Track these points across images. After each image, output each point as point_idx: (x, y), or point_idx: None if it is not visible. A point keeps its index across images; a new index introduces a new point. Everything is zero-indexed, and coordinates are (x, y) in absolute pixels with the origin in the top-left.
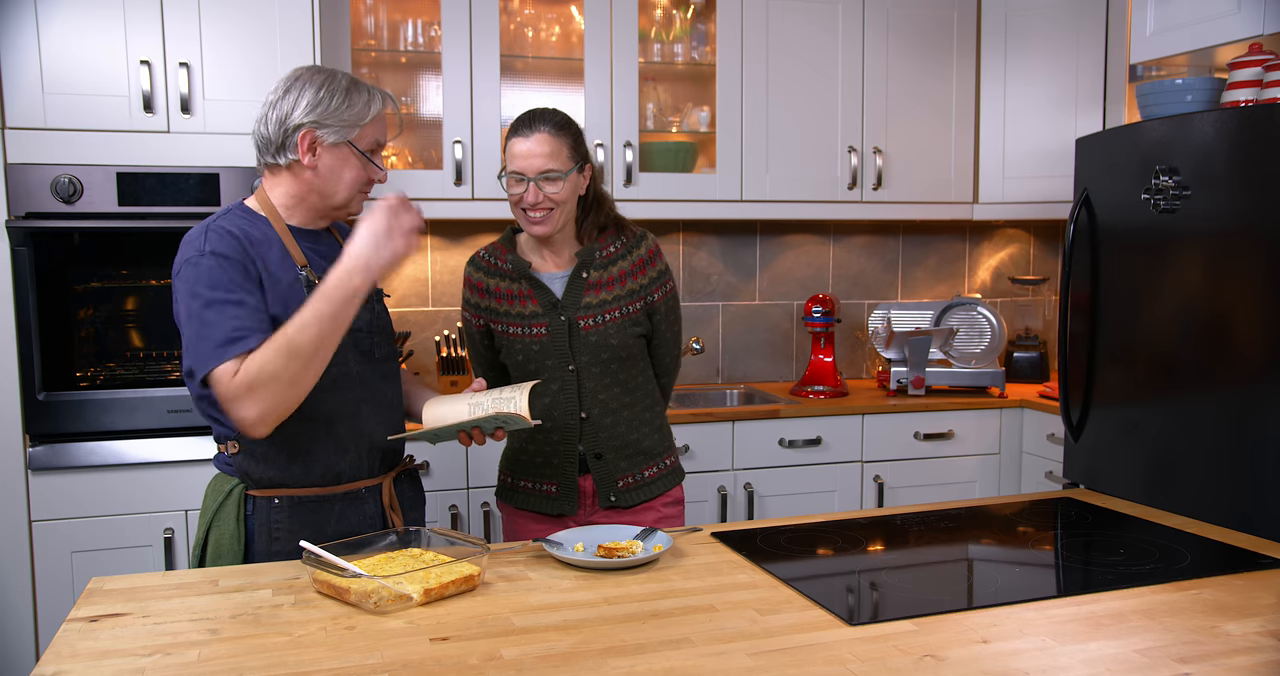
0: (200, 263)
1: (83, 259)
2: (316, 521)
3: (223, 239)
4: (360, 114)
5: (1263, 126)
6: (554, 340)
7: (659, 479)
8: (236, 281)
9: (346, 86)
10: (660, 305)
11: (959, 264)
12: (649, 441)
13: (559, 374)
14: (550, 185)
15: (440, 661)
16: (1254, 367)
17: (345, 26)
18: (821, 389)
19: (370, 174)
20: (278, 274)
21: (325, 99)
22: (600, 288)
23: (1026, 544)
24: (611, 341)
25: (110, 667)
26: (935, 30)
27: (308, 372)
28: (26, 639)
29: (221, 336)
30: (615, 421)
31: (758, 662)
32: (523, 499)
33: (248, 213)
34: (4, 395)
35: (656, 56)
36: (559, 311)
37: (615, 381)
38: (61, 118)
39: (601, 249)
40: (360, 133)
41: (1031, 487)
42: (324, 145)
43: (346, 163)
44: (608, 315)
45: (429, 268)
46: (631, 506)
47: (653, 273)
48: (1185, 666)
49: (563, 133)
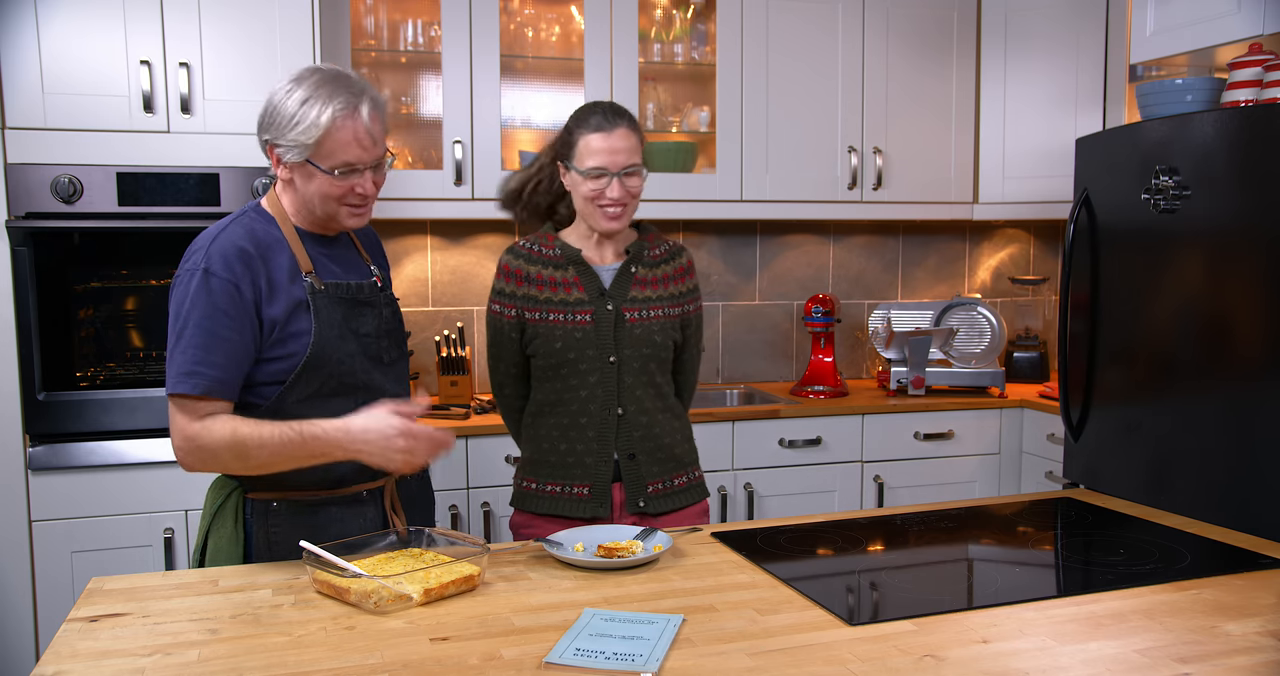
0: (192, 280)
1: (83, 259)
2: (315, 524)
3: (224, 259)
4: (307, 133)
5: (1263, 126)
6: (598, 329)
7: (688, 489)
8: (219, 308)
9: (303, 100)
10: (693, 318)
11: (959, 264)
12: (680, 449)
13: (599, 365)
14: (632, 179)
15: (440, 661)
16: (1254, 367)
17: (345, 26)
18: (821, 389)
19: (347, 187)
20: (280, 278)
21: (273, 116)
22: (646, 285)
23: (1026, 544)
24: (655, 337)
25: (110, 667)
26: (935, 30)
27: (248, 470)
28: (26, 639)
29: (179, 367)
30: (650, 422)
31: (758, 662)
32: (549, 504)
33: (261, 214)
34: (4, 395)
35: (656, 56)
36: (606, 300)
37: (650, 381)
38: (61, 118)
39: (650, 249)
40: (316, 151)
41: (1031, 487)
42: (287, 163)
43: (312, 178)
44: (653, 311)
45: (429, 268)
46: (658, 514)
47: (690, 284)
48: (1185, 666)
49: (636, 127)
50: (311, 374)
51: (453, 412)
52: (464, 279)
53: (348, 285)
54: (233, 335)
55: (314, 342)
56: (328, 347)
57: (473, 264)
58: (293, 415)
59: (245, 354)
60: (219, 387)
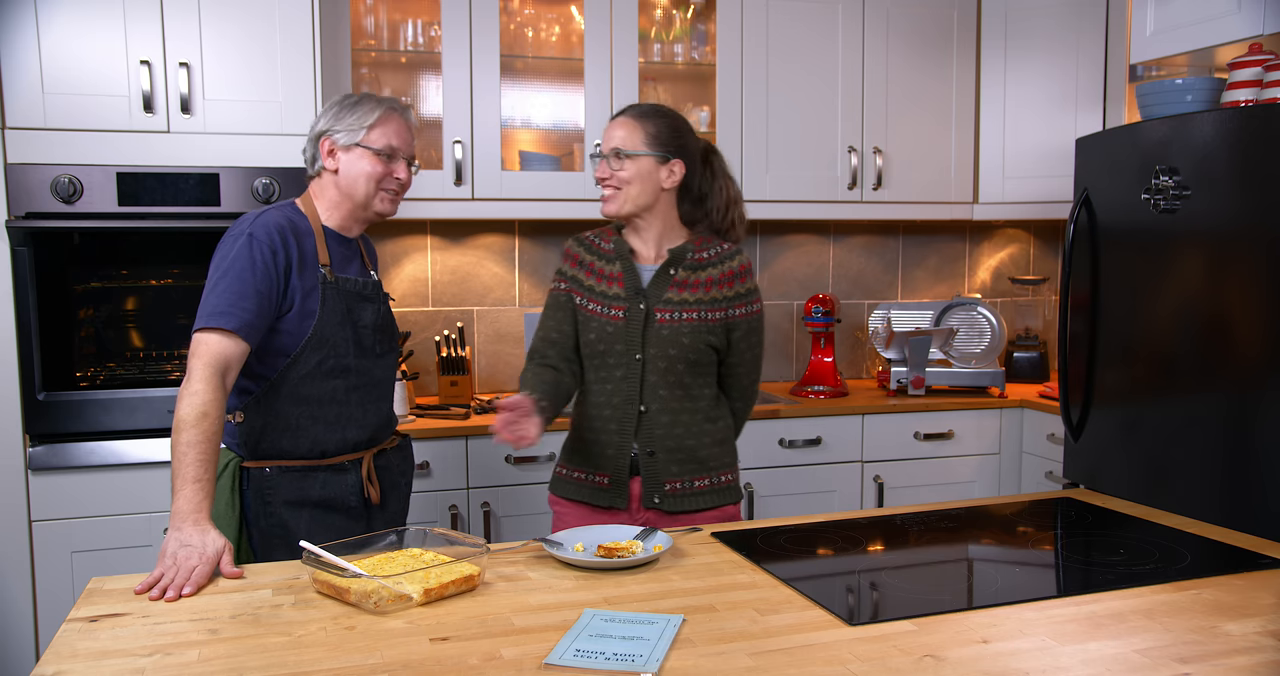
0: (236, 242)
1: (83, 259)
2: (303, 487)
3: (266, 229)
4: (363, 119)
5: (1263, 126)
6: (628, 325)
7: (709, 492)
8: (256, 264)
9: (357, 100)
10: (741, 323)
11: (959, 264)
12: (706, 452)
13: (625, 360)
14: (618, 161)
15: (440, 661)
16: (1254, 367)
17: (345, 26)
18: (821, 389)
19: (387, 170)
20: (307, 260)
21: (335, 109)
22: (684, 287)
23: (1026, 544)
24: (683, 339)
25: (110, 667)
26: (935, 30)
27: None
28: (26, 639)
29: (210, 307)
30: (673, 422)
31: (758, 662)
32: (574, 489)
33: (295, 210)
34: (4, 395)
35: (656, 56)
36: (640, 298)
37: (678, 382)
38: (61, 118)
39: (695, 252)
40: (367, 135)
41: (1031, 487)
42: (339, 147)
43: (361, 159)
44: (685, 314)
45: (429, 268)
46: (675, 513)
47: (740, 288)
48: (1185, 666)
49: (645, 119)
50: (312, 353)
51: (453, 412)
52: (464, 279)
53: (354, 281)
54: (264, 288)
55: (317, 324)
56: (327, 331)
57: (473, 264)
58: (295, 389)
59: (271, 308)
60: (246, 329)
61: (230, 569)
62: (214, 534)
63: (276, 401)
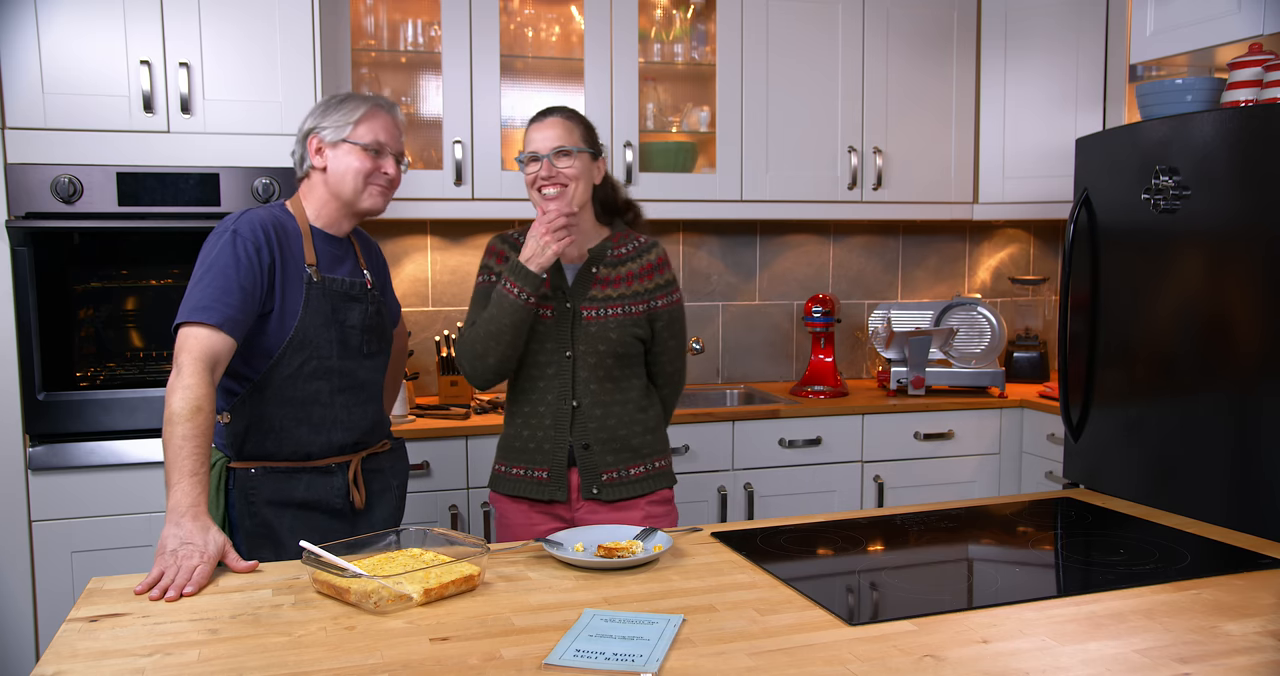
0: (220, 239)
1: (83, 259)
2: (287, 488)
3: (250, 227)
4: (349, 115)
5: (1263, 126)
6: (557, 324)
7: (645, 479)
8: (240, 260)
9: (343, 98)
10: (664, 313)
11: (959, 264)
12: (639, 441)
13: (556, 357)
14: (565, 159)
15: (440, 661)
16: (1254, 367)
17: (345, 26)
18: (821, 389)
19: (375, 165)
20: (291, 260)
21: (322, 108)
22: (607, 284)
23: (1026, 544)
24: (610, 335)
25: (110, 667)
26: (935, 30)
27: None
28: (26, 639)
29: (194, 302)
30: (605, 414)
31: (758, 662)
32: (514, 486)
33: (283, 210)
34: (4, 395)
35: (656, 56)
36: (566, 298)
37: (609, 376)
38: (61, 118)
39: (613, 248)
40: (354, 130)
41: (1031, 487)
42: (326, 144)
43: (348, 155)
44: (610, 310)
45: (429, 268)
46: (613, 501)
47: (659, 280)
48: (1185, 666)
49: (575, 120)
50: (294, 354)
51: (453, 412)
52: (464, 279)
53: (341, 281)
54: (247, 285)
55: (299, 325)
56: (310, 332)
57: (472, 264)
58: (279, 391)
59: (255, 305)
60: (230, 324)
61: (240, 564)
62: (214, 530)
63: (261, 403)
